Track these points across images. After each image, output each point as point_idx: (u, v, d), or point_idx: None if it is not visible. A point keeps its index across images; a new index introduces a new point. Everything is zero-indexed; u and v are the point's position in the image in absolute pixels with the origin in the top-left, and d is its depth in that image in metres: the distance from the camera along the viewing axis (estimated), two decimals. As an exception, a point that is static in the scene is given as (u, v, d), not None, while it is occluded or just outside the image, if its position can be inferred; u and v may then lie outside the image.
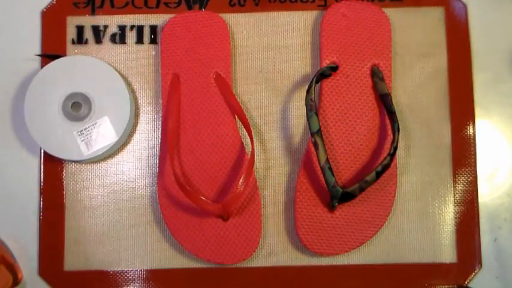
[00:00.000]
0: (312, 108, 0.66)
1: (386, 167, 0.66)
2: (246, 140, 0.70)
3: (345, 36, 0.70)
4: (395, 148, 0.66)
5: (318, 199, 0.68)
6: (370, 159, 0.69)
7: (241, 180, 0.65)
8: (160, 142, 0.70)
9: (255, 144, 0.69)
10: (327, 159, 0.65)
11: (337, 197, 0.65)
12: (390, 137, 0.69)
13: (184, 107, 0.69)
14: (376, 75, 0.69)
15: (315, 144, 0.65)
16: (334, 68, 0.69)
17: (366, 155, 0.69)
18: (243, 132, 0.69)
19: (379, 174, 0.65)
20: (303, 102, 0.71)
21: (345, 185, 0.68)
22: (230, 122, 0.69)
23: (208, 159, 0.69)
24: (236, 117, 0.69)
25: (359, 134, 0.69)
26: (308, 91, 0.67)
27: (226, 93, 0.69)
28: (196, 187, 0.68)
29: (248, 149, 0.70)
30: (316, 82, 0.68)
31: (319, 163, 0.65)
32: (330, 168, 0.65)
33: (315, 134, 0.65)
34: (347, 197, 0.66)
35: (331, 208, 0.67)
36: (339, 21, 0.70)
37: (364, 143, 0.69)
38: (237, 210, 0.68)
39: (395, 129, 0.66)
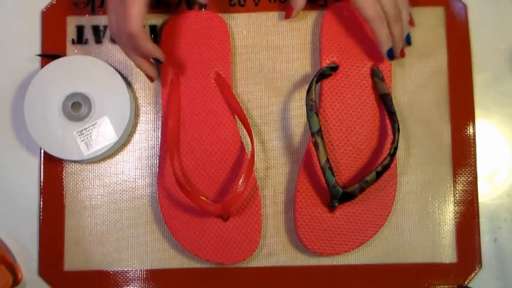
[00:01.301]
0: (313, 109, 0.66)
1: (386, 167, 0.65)
2: (246, 140, 0.70)
3: (345, 36, 0.70)
4: (396, 148, 0.66)
5: (318, 199, 0.68)
6: (370, 159, 0.69)
7: (241, 180, 0.65)
8: (160, 142, 0.70)
9: (255, 144, 0.69)
10: (327, 159, 0.65)
11: (337, 197, 0.65)
12: (390, 137, 0.68)
13: (184, 107, 0.69)
14: (376, 75, 0.69)
15: (315, 144, 0.65)
16: (334, 68, 0.69)
17: (366, 155, 0.69)
18: (243, 132, 0.69)
19: (379, 175, 0.65)
20: (303, 102, 0.71)
21: (345, 185, 0.68)
22: (230, 122, 0.69)
23: (208, 159, 0.69)
24: (236, 117, 0.69)
25: (359, 134, 0.69)
26: (308, 91, 0.67)
27: (226, 93, 0.69)
28: (196, 187, 0.68)
29: (248, 149, 0.69)
30: (316, 82, 0.68)
31: (320, 163, 0.65)
32: (331, 168, 0.65)
33: (315, 134, 0.65)
34: (347, 197, 0.65)
35: (331, 208, 0.67)
36: (339, 21, 0.70)
37: (364, 143, 0.69)
38: (237, 210, 0.68)
39: (396, 129, 0.66)
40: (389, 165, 0.66)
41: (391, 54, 0.68)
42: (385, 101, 0.68)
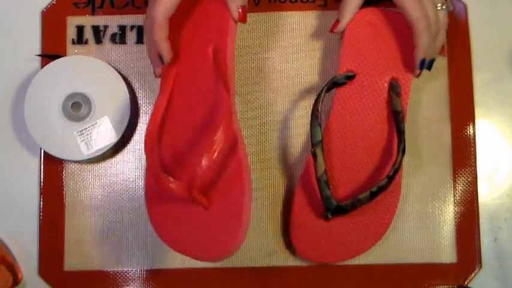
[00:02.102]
0: (318, 119, 0.64)
1: (382, 189, 0.63)
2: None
3: (368, 44, 0.67)
4: (396, 170, 0.64)
5: (314, 209, 0.67)
6: (370, 176, 0.67)
7: (216, 136, 0.58)
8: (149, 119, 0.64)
9: (253, 144, 0.69)
10: (325, 171, 0.63)
11: (330, 209, 0.64)
12: (394, 156, 0.66)
13: (180, 88, 0.66)
14: (394, 89, 0.67)
15: (314, 156, 0.64)
16: (350, 77, 0.67)
17: (367, 171, 0.67)
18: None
19: (373, 195, 0.64)
20: (304, 102, 0.71)
21: (341, 198, 0.66)
22: (219, 91, 0.63)
23: (199, 137, 0.64)
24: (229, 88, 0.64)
25: (364, 149, 0.67)
26: (317, 99, 0.65)
27: (221, 64, 0.64)
28: (184, 167, 0.64)
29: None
30: (328, 90, 0.66)
31: (316, 174, 0.63)
32: (326, 181, 0.63)
33: (315, 145, 0.64)
34: (340, 210, 0.64)
35: (326, 218, 0.66)
36: (364, 28, 0.67)
37: (368, 158, 0.67)
38: (221, 196, 0.62)
39: (400, 150, 0.64)
40: (386, 187, 0.64)
41: (423, 65, 0.65)
42: (396, 119, 0.66)
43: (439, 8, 0.65)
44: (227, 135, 0.59)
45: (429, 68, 0.66)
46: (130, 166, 0.71)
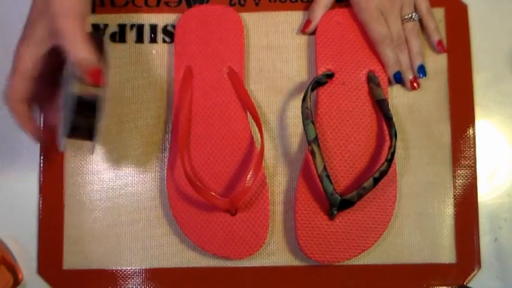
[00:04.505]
0: (308, 117, 0.65)
1: (384, 173, 0.65)
2: (257, 136, 0.69)
3: (340, 43, 0.70)
4: (393, 154, 0.66)
5: (317, 207, 0.68)
6: (368, 165, 0.68)
7: (249, 174, 0.65)
8: (171, 135, 0.69)
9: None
10: (325, 167, 0.65)
11: (336, 205, 0.65)
12: (388, 142, 0.68)
13: (196, 100, 0.69)
14: (372, 81, 0.69)
15: (312, 153, 0.65)
16: (329, 76, 0.69)
17: (364, 161, 0.68)
18: (254, 128, 0.69)
19: (376, 181, 0.65)
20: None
21: (343, 192, 0.68)
22: (241, 117, 0.69)
23: (218, 153, 0.68)
24: (247, 112, 0.69)
25: (357, 141, 0.68)
26: (304, 99, 0.66)
27: (238, 88, 0.69)
28: (205, 180, 0.68)
29: (258, 145, 0.69)
30: (312, 90, 0.67)
31: (317, 171, 0.65)
32: (328, 176, 0.64)
33: (312, 142, 0.65)
34: (346, 204, 0.65)
35: (331, 216, 0.66)
36: (334, 29, 0.70)
37: (362, 149, 0.68)
38: (245, 204, 0.68)
39: (393, 135, 0.66)
40: (387, 171, 0.65)
41: (398, 78, 0.69)
42: (381, 107, 0.68)
43: (407, 17, 0.69)
44: (258, 171, 0.66)
45: (423, 74, 0.70)
46: (130, 165, 0.71)
